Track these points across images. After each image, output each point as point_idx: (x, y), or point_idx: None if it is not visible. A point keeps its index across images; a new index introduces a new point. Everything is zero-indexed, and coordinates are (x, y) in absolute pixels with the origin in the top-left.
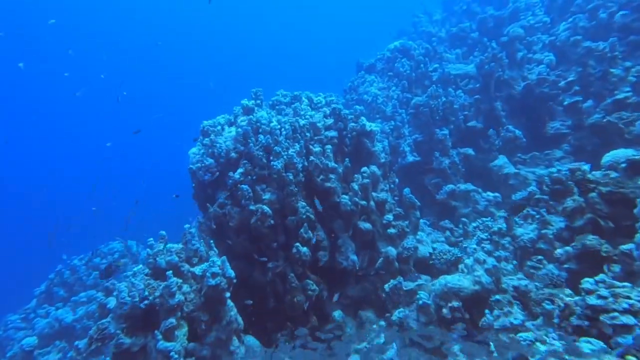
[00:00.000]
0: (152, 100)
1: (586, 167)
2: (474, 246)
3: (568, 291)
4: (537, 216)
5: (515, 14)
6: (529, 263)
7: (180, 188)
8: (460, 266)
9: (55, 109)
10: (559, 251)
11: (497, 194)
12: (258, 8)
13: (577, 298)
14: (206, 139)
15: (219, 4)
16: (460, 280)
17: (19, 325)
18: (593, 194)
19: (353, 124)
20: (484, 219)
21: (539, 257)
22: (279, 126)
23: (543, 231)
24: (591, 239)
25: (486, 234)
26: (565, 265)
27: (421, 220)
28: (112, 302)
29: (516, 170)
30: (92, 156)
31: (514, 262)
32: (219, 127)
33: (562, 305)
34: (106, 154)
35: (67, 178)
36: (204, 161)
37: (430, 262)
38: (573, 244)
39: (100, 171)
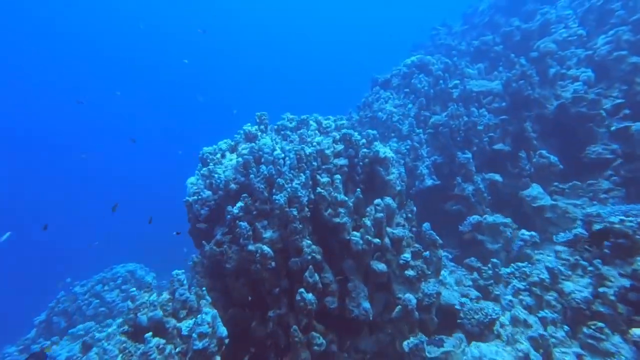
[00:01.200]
0: (151, 102)
1: None
2: (510, 297)
3: None
4: (590, 268)
5: (546, 26)
6: (585, 330)
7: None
8: (496, 327)
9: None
10: (636, 332)
11: (533, 233)
12: (258, 10)
13: None
14: (204, 168)
15: (218, 5)
16: (498, 354)
17: (17, 359)
18: None
19: (365, 150)
20: (520, 264)
21: (599, 324)
22: (282, 155)
23: (601, 290)
24: None
25: (524, 284)
26: None
27: (442, 254)
28: None
29: (553, 202)
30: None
31: (565, 327)
32: (219, 155)
33: None
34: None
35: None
36: (201, 193)
37: (459, 321)
38: None
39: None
